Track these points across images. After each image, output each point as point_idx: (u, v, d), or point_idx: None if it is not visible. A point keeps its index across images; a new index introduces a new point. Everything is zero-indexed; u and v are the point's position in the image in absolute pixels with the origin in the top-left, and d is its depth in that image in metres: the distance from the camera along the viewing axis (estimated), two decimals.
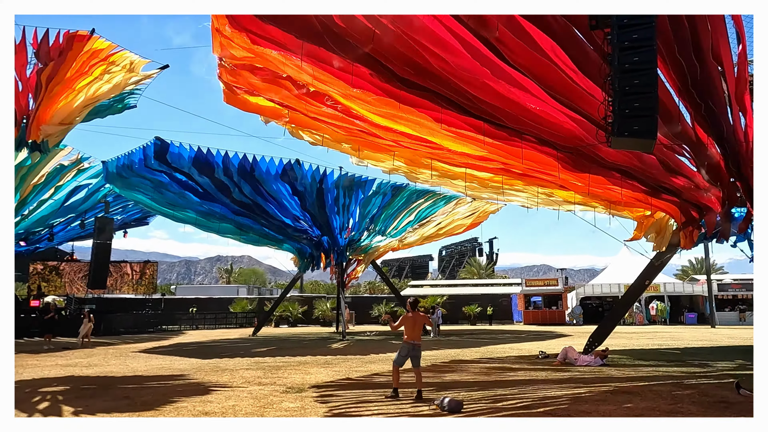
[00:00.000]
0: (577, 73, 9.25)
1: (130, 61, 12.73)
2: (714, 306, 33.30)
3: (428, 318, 9.03)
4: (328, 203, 23.01)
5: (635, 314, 35.53)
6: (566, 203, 17.28)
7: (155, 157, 18.42)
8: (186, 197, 21.60)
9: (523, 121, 10.77)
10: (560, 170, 13.17)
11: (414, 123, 12.01)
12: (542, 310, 38.35)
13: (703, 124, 10.54)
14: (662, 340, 21.80)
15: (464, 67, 9.40)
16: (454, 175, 15.94)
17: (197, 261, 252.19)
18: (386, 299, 40.23)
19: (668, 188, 13.44)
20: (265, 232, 25.49)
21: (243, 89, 12.35)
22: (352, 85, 10.50)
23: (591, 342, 15.60)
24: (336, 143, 14.76)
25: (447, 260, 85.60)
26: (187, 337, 27.22)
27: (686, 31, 8.46)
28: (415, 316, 8.91)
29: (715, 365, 13.27)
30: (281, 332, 31.90)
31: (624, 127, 7.34)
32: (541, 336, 24.71)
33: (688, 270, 64.00)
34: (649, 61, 7.23)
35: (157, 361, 15.24)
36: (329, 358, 15.59)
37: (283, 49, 10.07)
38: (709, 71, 9.23)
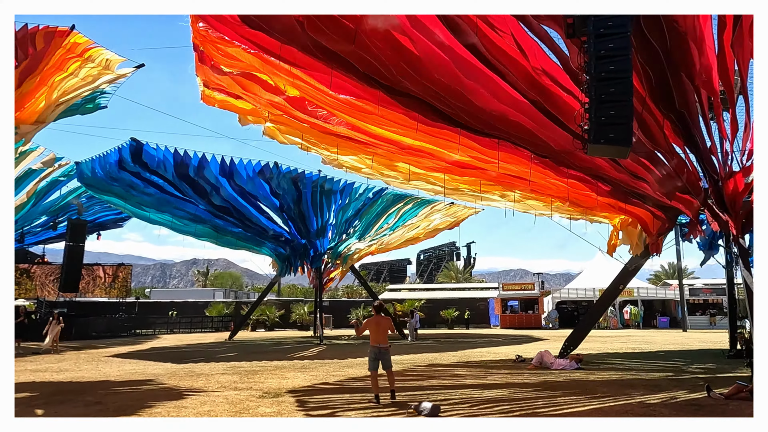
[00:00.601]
0: (554, 80, 9.37)
1: (107, 58, 12.51)
2: (686, 310, 33.98)
3: (391, 321, 9.11)
4: (306, 206, 22.92)
5: (610, 318, 36.05)
6: (542, 208, 17.48)
7: (131, 158, 18.15)
8: (162, 199, 21.31)
9: (500, 127, 10.87)
10: (536, 175, 13.34)
11: (393, 125, 12.03)
12: (519, 314, 38.68)
13: (676, 132, 10.78)
14: (636, 343, 22.15)
15: (442, 72, 9.45)
16: (433, 178, 16.01)
17: (173, 264, 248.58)
18: (364, 303, 40.16)
19: (639, 194, 13.69)
20: (243, 234, 25.28)
21: (220, 90, 12.25)
22: (331, 86, 10.48)
23: (566, 346, 15.77)
24: (315, 146, 14.71)
25: (425, 264, 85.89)
26: (162, 341, 26.81)
27: (659, 41, 8.64)
28: (379, 320, 8.94)
29: (687, 368, 13.53)
30: (258, 336, 31.61)
31: (600, 135, 7.46)
32: (517, 340, 24.91)
33: (661, 275, 65.19)
34: (624, 70, 7.36)
35: (130, 366, 14.97)
36: (306, 363, 15.49)
37: (261, 49, 10.00)
38: (681, 80, 9.45)
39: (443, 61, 9.20)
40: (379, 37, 8.77)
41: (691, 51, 8.96)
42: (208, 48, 10.53)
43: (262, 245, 27.12)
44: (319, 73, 10.28)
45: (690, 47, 8.90)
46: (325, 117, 12.32)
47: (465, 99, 9.99)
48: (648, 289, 39.22)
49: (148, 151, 18.24)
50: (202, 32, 9.97)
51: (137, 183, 19.92)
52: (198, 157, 18.74)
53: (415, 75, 9.49)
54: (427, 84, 9.68)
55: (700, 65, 9.30)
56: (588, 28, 7.39)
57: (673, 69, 9.18)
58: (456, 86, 9.63)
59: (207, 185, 19.95)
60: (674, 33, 8.60)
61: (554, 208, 16.63)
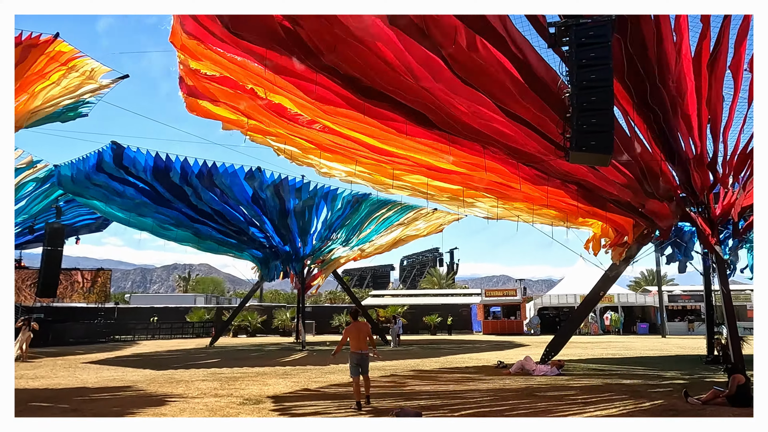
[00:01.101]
0: (536, 89, 9.46)
1: (91, 68, 12.33)
2: (665, 316, 34.42)
3: (369, 327, 9.20)
4: (289, 211, 22.81)
5: (590, 324, 36.36)
6: (525, 214, 17.62)
7: (111, 162, 17.91)
8: (142, 203, 21.05)
9: (484, 135, 10.95)
10: (520, 182, 13.44)
11: (377, 132, 12.05)
12: (501, 320, 38.86)
13: (656, 140, 10.96)
14: (616, 349, 22.37)
15: (424, 84, 9.51)
16: (417, 184, 16.05)
17: (153, 269, 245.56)
18: (347, 309, 39.95)
19: (619, 201, 13.87)
20: (225, 240, 25.06)
21: (204, 97, 12.16)
22: (315, 94, 10.47)
23: (548, 352, 15.86)
24: (298, 154, 14.68)
25: (408, 270, 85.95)
26: (142, 347, 26.44)
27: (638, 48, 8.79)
28: (358, 326, 9.00)
29: (666, 374, 13.69)
30: (239, 342, 31.32)
31: (582, 142, 7.56)
32: (499, 346, 25.01)
33: (641, 281, 66.01)
34: (605, 79, 7.47)
35: (108, 373, 14.73)
36: (288, 369, 15.38)
37: (245, 55, 9.96)
38: (660, 89, 9.61)
39: (425, 72, 9.26)
40: (360, 48, 8.80)
41: (668, 59, 9.12)
42: (188, 52, 10.46)
43: (244, 250, 26.91)
44: (303, 79, 10.27)
45: (667, 57, 9.07)
46: (307, 123, 12.30)
47: (448, 108, 10.06)
48: (628, 296, 39.66)
49: (129, 155, 18.01)
50: (184, 38, 9.90)
51: (117, 187, 19.65)
52: (180, 161, 18.56)
53: (399, 84, 9.54)
54: (412, 93, 9.73)
55: (676, 75, 9.47)
56: (569, 37, 7.50)
57: (651, 78, 9.33)
58: (439, 95, 9.70)
59: (188, 189, 19.76)
60: (652, 43, 8.76)
61: (536, 214, 16.76)
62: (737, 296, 33.84)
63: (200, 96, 12.17)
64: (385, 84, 9.78)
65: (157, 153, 18.17)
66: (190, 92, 12.12)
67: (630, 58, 8.83)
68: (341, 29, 8.56)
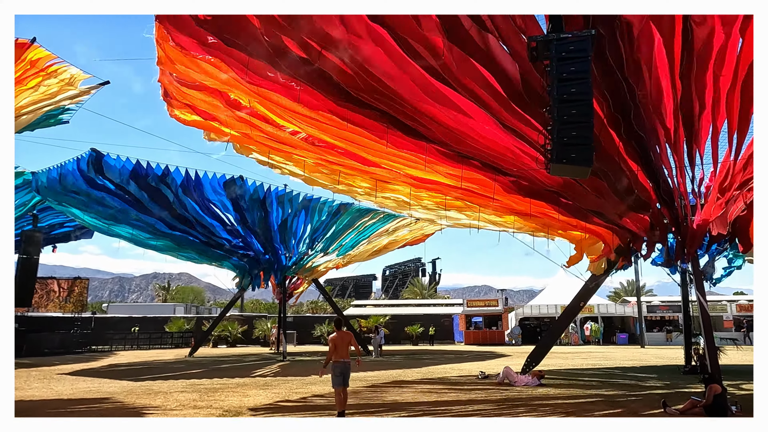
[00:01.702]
0: (518, 102, 9.58)
1: (70, 74, 12.17)
2: (644, 327, 34.82)
3: (352, 336, 9.18)
4: (271, 220, 22.70)
5: (571, 334, 36.62)
6: (506, 225, 17.74)
7: (90, 169, 17.67)
8: (122, 211, 20.78)
9: (467, 145, 11.04)
10: (501, 193, 13.55)
11: (359, 141, 12.08)
12: (483, 330, 38.96)
13: (633, 154, 11.14)
14: (596, 360, 22.56)
15: (409, 93, 9.58)
16: (399, 195, 16.10)
17: (132, 278, 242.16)
18: (328, 319, 39.82)
19: (599, 213, 14.05)
20: (205, 249, 24.81)
21: (185, 105, 12.10)
22: (298, 101, 10.48)
23: (529, 362, 15.94)
24: (279, 163, 14.65)
25: (390, 280, 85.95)
26: (119, 358, 25.97)
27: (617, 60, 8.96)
28: (342, 335, 9.00)
29: (644, 384, 13.84)
30: (219, 352, 30.94)
31: (562, 155, 7.65)
32: (481, 356, 25.06)
33: (620, 292, 66.74)
34: (585, 93, 7.59)
35: (84, 384, 14.44)
36: (269, 380, 15.23)
37: (228, 60, 9.94)
38: (639, 103, 9.79)
39: (409, 82, 9.33)
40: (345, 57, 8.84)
41: (644, 75, 9.31)
42: (171, 59, 10.41)
43: (225, 259, 26.67)
44: (286, 87, 10.28)
45: (643, 71, 9.25)
46: (291, 132, 12.29)
47: (431, 118, 10.13)
48: (608, 306, 40.07)
49: (109, 162, 17.80)
50: (168, 45, 9.86)
51: (97, 194, 19.38)
52: (161, 169, 18.39)
53: (382, 93, 9.59)
54: (396, 102, 9.79)
55: (653, 89, 9.66)
56: (550, 51, 7.62)
57: (630, 92, 9.50)
58: (423, 106, 9.77)
59: (169, 197, 19.56)
60: (631, 59, 8.93)
61: (517, 225, 16.89)
62: (714, 307, 34.41)
63: (182, 104, 12.11)
64: (368, 93, 9.82)
65: (137, 160, 18.00)
66: (172, 100, 12.05)
67: (607, 70, 9.00)
68: (327, 37, 8.61)
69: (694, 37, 8.56)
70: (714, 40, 8.66)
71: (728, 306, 36.31)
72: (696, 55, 8.83)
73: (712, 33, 8.55)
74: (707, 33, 8.50)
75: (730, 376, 13.84)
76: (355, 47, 8.77)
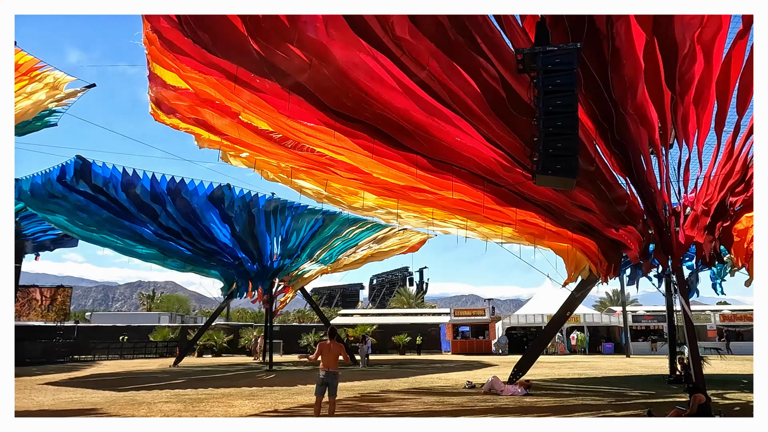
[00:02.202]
0: (505, 113, 9.67)
1: (54, 77, 12.10)
2: (629, 336, 35.06)
3: (343, 347, 9.13)
4: (258, 228, 22.61)
5: (557, 344, 36.78)
6: (494, 235, 17.83)
7: (76, 176, 17.50)
8: (108, 219, 20.58)
9: (455, 156, 11.10)
10: (489, 203, 13.62)
11: (348, 151, 12.10)
12: (470, 339, 38.98)
13: (619, 165, 11.28)
14: (582, 369, 22.66)
15: (397, 104, 9.63)
16: (387, 204, 16.12)
17: (116, 286, 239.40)
18: (315, 328, 39.64)
19: (586, 224, 14.17)
20: (191, 257, 24.63)
21: (174, 112, 12.05)
22: (287, 111, 10.48)
23: (516, 372, 15.99)
24: (269, 171, 14.63)
25: (377, 289, 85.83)
26: (102, 367, 25.62)
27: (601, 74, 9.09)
28: (332, 344, 8.93)
29: (630, 393, 13.93)
30: (205, 362, 30.64)
31: (548, 166, 7.73)
32: (468, 366, 25.07)
33: (606, 302, 67.24)
34: (570, 105, 7.69)
35: (66, 395, 14.22)
36: (255, 390, 15.11)
37: (217, 72, 9.93)
38: (624, 115, 9.93)
39: (398, 94, 9.38)
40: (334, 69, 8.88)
41: (628, 86, 9.44)
42: (160, 65, 10.38)
43: (211, 268, 26.49)
44: (275, 97, 10.29)
45: (628, 84, 9.39)
46: (279, 140, 12.29)
47: (421, 131, 10.19)
48: (594, 316, 40.30)
49: (95, 170, 17.64)
50: (157, 52, 9.83)
51: (82, 202, 19.19)
52: (148, 177, 18.26)
53: (372, 105, 9.63)
54: (383, 114, 9.83)
55: (637, 101, 9.80)
56: (537, 63, 7.72)
57: (614, 103, 9.64)
58: (411, 117, 9.82)
59: (156, 206, 19.42)
60: (617, 71, 9.07)
61: (505, 235, 16.99)
62: (698, 316, 34.76)
63: (172, 110, 12.06)
64: (356, 104, 9.86)
65: (124, 168, 17.87)
66: (162, 106, 12.00)
67: (593, 81, 9.13)
68: (315, 48, 8.64)
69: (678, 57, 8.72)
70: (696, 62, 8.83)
71: (712, 316, 36.72)
72: (679, 69, 8.98)
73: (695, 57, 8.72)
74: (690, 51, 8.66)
75: (714, 385, 13.97)
76: (336, 57, 8.81)
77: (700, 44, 8.70)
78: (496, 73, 8.78)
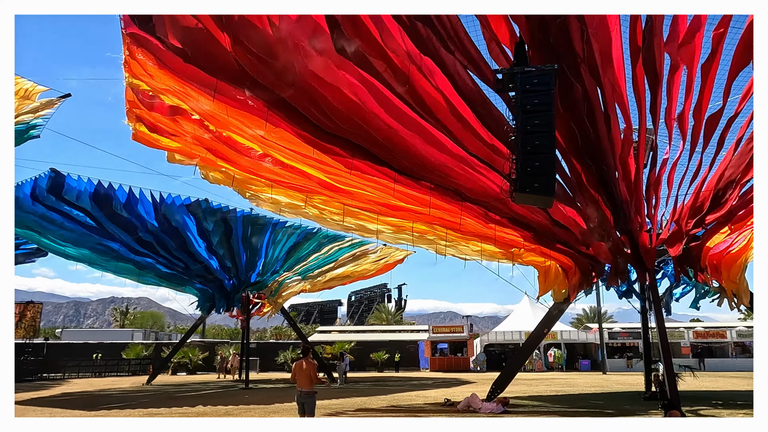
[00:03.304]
0: (484, 131, 9.80)
1: (24, 88, 11.86)
2: (605, 353, 35.35)
3: (315, 366, 8.87)
4: (236, 243, 22.39)
5: (535, 361, 36.88)
6: (472, 252, 17.93)
7: (49, 190, 17.15)
8: (81, 234, 20.17)
9: (433, 172, 11.18)
10: (466, 220, 13.73)
11: (327, 167, 12.11)
12: (448, 357, 38.86)
13: (594, 183, 11.48)
14: (559, 386, 22.74)
15: (377, 120, 9.69)
16: (366, 220, 16.12)
17: (88, 302, 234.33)
18: (293, 345, 39.18)
19: (561, 240, 14.36)
20: (167, 272, 24.24)
21: (152, 127, 11.94)
22: (266, 128, 10.46)
23: (494, 389, 15.97)
24: (246, 186, 14.54)
25: (356, 306, 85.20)
26: (72, 386, 24.93)
27: (579, 94, 9.28)
28: (304, 363, 8.74)
29: (607, 411, 14.00)
30: (179, 380, 30.02)
31: (525, 184, 7.84)
32: (446, 383, 24.98)
33: (582, 318, 67.80)
34: (547, 124, 7.84)
35: (33, 414, 13.79)
36: (230, 409, 14.82)
37: (196, 85, 9.88)
38: (599, 135, 10.13)
39: (378, 108, 9.44)
40: (318, 83, 8.92)
41: (606, 105, 9.66)
42: (138, 78, 10.30)
43: (187, 283, 26.09)
44: (254, 112, 10.27)
45: (606, 102, 9.60)
46: (259, 156, 12.24)
47: (401, 146, 10.26)
48: (570, 333, 40.57)
49: (69, 183, 17.31)
50: (136, 65, 9.77)
51: (55, 217, 18.79)
52: (124, 191, 17.99)
53: (352, 121, 9.67)
54: (364, 129, 9.88)
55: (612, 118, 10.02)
56: (516, 83, 7.86)
57: (591, 123, 9.84)
58: (392, 133, 9.88)
59: (132, 220, 19.12)
60: (595, 91, 9.28)
61: (484, 252, 17.10)
62: (672, 333, 35.22)
63: (149, 126, 11.95)
64: (338, 120, 9.89)
65: (99, 182, 17.57)
66: (138, 122, 11.88)
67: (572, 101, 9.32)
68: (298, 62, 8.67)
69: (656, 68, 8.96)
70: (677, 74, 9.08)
71: (685, 333, 37.26)
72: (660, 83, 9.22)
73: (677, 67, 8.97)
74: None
75: (689, 401, 14.13)
76: (326, 73, 8.86)
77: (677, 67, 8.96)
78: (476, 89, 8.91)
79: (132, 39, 9.30)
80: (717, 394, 18.25)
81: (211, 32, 8.62)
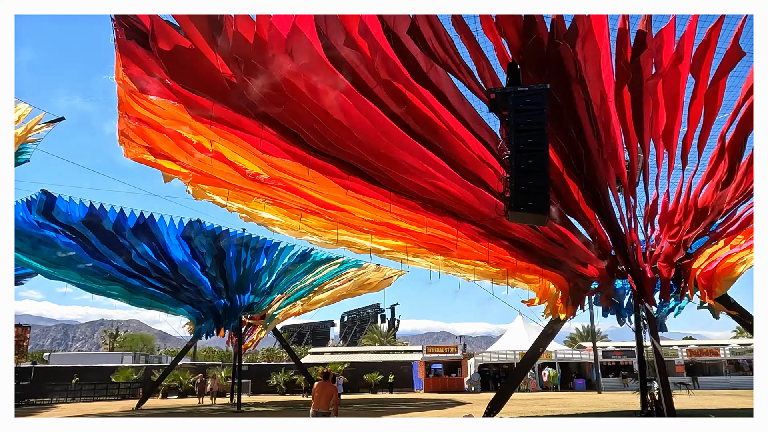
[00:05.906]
0: (478, 150, 9.86)
1: (18, 115, 11.84)
2: (600, 372, 35.18)
3: (336, 389, 9.31)
4: (229, 265, 22.24)
5: (529, 381, 36.64)
6: (466, 272, 17.90)
7: (40, 212, 17.02)
8: (72, 256, 19.96)
9: (428, 192, 11.21)
10: (461, 239, 13.72)
11: (321, 187, 12.11)
12: (442, 377, 38.55)
13: (588, 201, 11.54)
14: (555, 406, 22.56)
15: (371, 140, 9.73)
16: (360, 239, 16.09)
17: (77, 325, 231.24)
18: (285, 367, 38.75)
19: (555, 259, 14.37)
20: (158, 294, 24.00)
21: (144, 147, 11.93)
22: (260, 147, 10.48)
23: (490, 410, 15.83)
24: (241, 205, 14.51)
25: (349, 326, 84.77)
26: (60, 411, 24.43)
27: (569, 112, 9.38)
28: (324, 385, 9.19)
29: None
30: (169, 404, 29.52)
31: (520, 203, 7.87)
32: (441, 404, 24.72)
33: (576, 337, 67.64)
34: (540, 143, 7.89)
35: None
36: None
37: (188, 106, 9.91)
38: (592, 153, 10.22)
39: (372, 129, 9.49)
40: (310, 102, 8.97)
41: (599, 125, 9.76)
42: (131, 99, 10.32)
43: (178, 305, 25.82)
44: (248, 132, 10.30)
45: (599, 123, 9.70)
46: (254, 175, 12.24)
47: (395, 166, 10.29)
48: (565, 352, 40.38)
49: (60, 206, 17.18)
50: (128, 85, 9.79)
51: (46, 239, 18.61)
52: (115, 213, 17.87)
53: (346, 140, 9.71)
54: (357, 149, 9.91)
55: (607, 140, 10.12)
56: (508, 102, 7.93)
57: (583, 142, 9.93)
58: (386, 153, 9.92)
59: (124, 243, 18.96)
60: (584, 107, 9.38)
61: (477, 271, 17.07)
62: (665, 352, 35.18)
63: (141, 145, 11.93)
64: (331, 140, 9.92)
65: (90, 203, 17.46)
66: (132, 141, 11.87)
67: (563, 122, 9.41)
68: (290, 85, 8.72)
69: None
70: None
71: (679, 351, 37.24)
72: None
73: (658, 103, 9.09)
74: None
75: None
76: (318, 94, 8.91)
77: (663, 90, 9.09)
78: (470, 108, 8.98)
79: (124, 56, 9.33)
80: (713, 412, 18.17)
81: (202, 51, 8.68)
